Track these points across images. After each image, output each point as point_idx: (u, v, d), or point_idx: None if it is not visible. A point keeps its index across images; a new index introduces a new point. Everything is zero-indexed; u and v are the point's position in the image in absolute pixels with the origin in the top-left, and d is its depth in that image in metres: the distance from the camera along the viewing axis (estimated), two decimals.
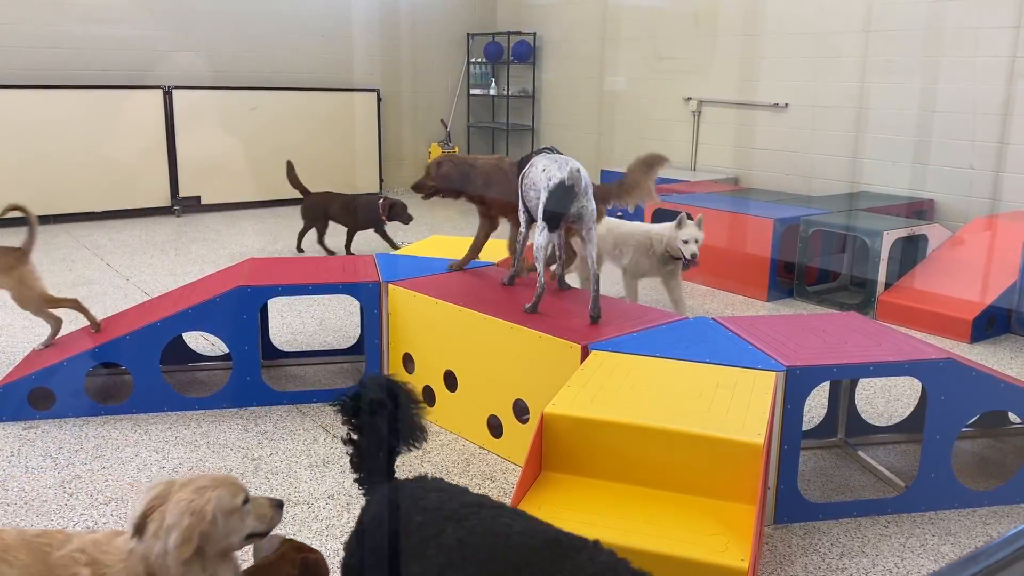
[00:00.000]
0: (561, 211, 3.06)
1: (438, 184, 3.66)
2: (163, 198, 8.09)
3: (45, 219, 7.48)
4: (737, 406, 2.37)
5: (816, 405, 3.64)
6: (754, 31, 7.41)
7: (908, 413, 3.55)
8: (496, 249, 4.27)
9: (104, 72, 7.87)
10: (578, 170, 3.07)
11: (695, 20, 7.87)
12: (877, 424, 3.51)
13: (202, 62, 8.40)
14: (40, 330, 4.51)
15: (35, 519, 2.70)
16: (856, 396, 3.50)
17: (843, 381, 3.35)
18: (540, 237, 3.16)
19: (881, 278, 5.16)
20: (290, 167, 6.48)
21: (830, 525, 2.78)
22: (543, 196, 3.10)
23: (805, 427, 3.16)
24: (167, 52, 8.19)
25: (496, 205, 3.70)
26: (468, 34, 10.07)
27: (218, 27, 8.45)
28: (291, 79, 8.90)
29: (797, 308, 5.41)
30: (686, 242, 4.47)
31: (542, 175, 3.13)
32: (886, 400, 3.84)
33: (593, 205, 3.14)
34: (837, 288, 5.86)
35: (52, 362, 3.46)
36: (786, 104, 7.23)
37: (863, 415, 3.49)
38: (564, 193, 3.04)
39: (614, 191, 3.53)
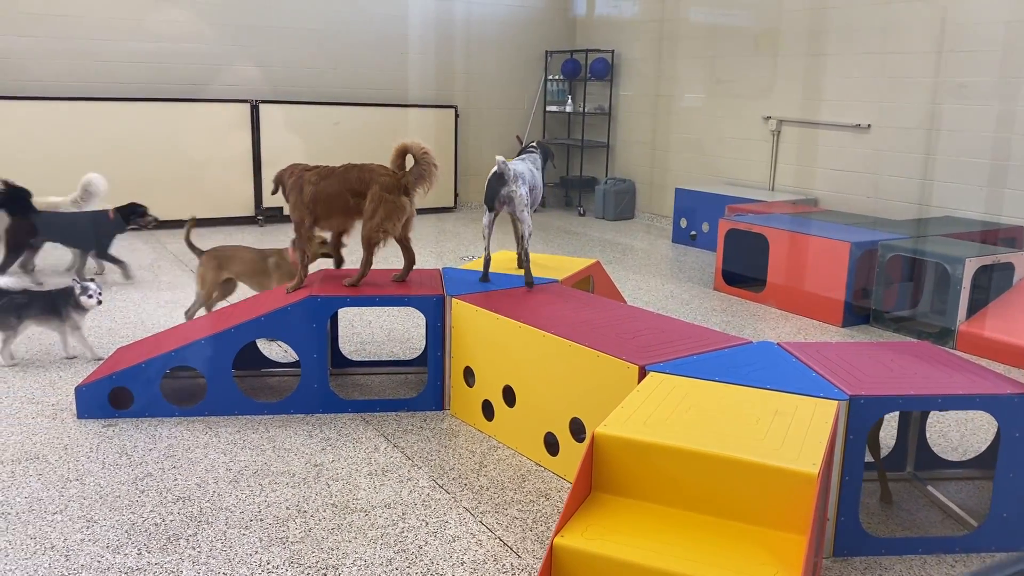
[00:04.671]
0: (490, 193, 3.81)
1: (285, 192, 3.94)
2: (248, 208, 8.39)
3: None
4: (794, 434, 2.32)
5: (885, 436, 3.53)
6: (836, 51, 7.26)
7: (984, 448, 3.41)
8: (558, 265, 4.29)
9: (195, 87, 8.24)
10: (504, 162, 3.77)
11: (756, 42, 7.76)
12: (949, 458, 3.38)
13: (288, 78, 8.70)
14: (127, 332, 4.73)
15: (108, 512, 2.83)
16: (928, 428, 3.38)
17: (913, 412, 3.24)
18: (485, 217, 3.89)
19: (962, 307, 4.97)
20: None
21: (893, 561, 2.69)
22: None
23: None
24: (254, 68, 8.51)
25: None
26: (546, 51, 10.15)
27: (303, 45, 8.74)
28: (372, 95, 9.13)
29: (873, 335, 5.25)
30: None
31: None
32: (961, 434, 3.69)
33: (523, 191, 3.82)
34: (915, 316, 5.67)
35: (133, 364, 3.63)
36: (868, 125, 7.05)
37: (934, 448, 3.37)
38: (494, 180, 3.81)
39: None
